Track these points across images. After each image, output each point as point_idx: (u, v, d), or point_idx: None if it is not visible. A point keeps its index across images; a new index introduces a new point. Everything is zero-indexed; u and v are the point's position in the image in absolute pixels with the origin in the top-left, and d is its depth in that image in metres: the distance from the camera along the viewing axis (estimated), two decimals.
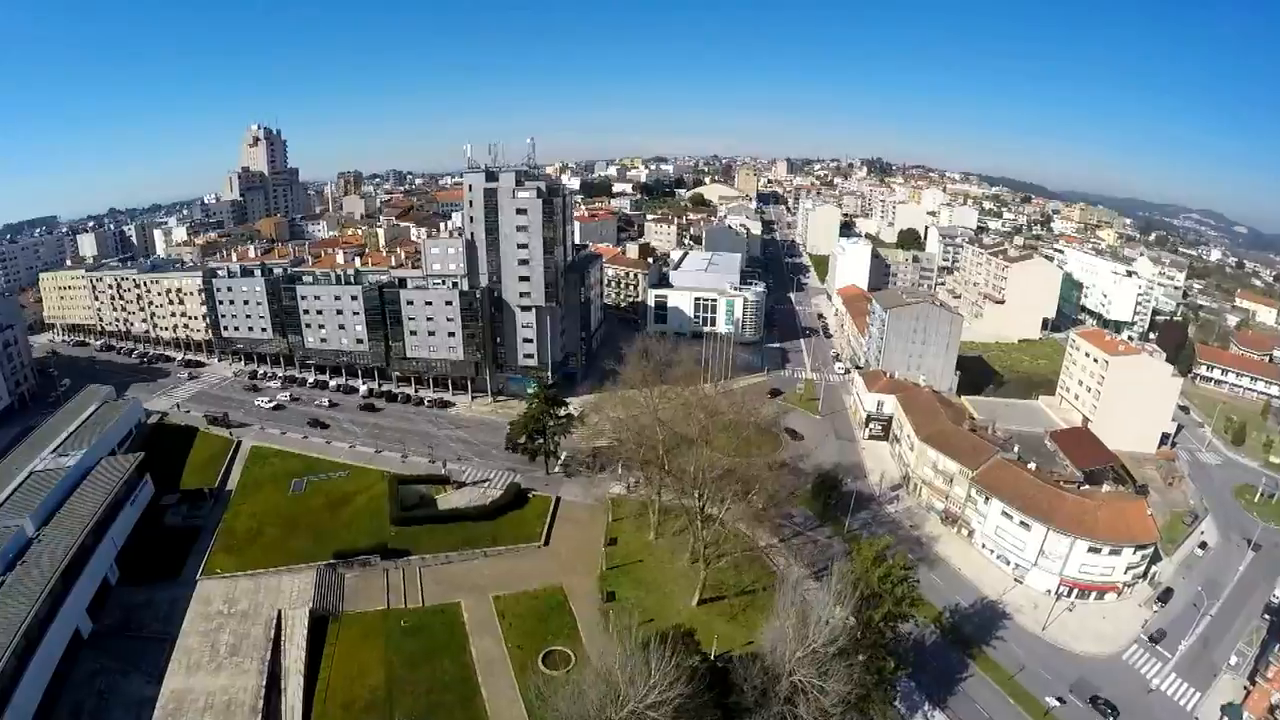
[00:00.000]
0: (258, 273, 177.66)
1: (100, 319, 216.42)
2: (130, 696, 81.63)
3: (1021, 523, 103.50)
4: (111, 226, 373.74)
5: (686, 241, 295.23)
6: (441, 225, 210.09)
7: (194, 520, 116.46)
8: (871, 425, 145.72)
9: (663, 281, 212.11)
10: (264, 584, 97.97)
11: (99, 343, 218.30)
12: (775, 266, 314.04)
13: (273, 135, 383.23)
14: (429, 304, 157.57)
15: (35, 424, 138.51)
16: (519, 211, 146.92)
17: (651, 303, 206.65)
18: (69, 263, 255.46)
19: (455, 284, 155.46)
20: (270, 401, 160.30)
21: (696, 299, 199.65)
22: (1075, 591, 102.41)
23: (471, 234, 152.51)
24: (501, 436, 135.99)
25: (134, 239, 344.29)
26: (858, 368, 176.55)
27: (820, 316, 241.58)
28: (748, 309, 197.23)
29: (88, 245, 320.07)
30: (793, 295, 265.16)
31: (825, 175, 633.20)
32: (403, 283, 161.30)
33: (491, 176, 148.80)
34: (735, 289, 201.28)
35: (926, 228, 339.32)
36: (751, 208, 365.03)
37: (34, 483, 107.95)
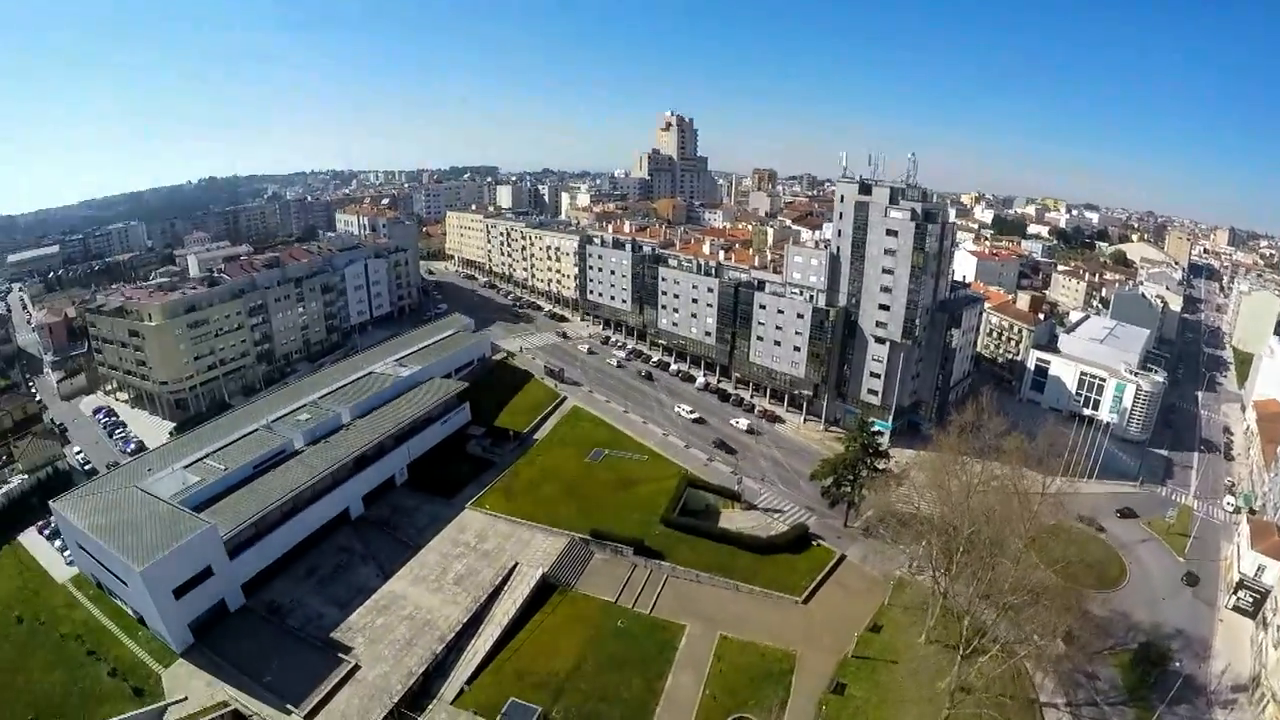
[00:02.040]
0: (627, 247, 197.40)
1: (489, 259, 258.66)
2: (357, 581, 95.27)
3: None
4: (529, 183, 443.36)
5: (1095, 303, 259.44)
6: (810, 233, 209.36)
7: (491, 455, 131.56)
8: (1240, 595, 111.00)
9: (1050, 343, 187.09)
10: (518, 534, 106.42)
11: (484, 280, 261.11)
12: (1189, 355, 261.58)
13: (684, 123, 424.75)
14: (780, 312, 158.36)
15: (399, 333, 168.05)
16: (889, 232, 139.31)
17: (1031, 365, 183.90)
18: (473, 207, 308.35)
19: (812, 297, 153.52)
20: (692, 412, 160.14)
21: (1082, 373, 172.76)
22: None
23: (837, 248, 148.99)
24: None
25: (546, 197, 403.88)
26: (1251, 510, 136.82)
27: (1226, 430, 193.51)
28: (1139, 399, 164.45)
29: (504, 196, 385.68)
30: (1200, 394, 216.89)
31: (1274, 256, 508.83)
32: (760, 285, 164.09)
33: (865, 189, 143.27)
34: (1131, 372, 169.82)
35: None
36: (1176, 278, 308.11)
37: (367, 381, 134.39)
